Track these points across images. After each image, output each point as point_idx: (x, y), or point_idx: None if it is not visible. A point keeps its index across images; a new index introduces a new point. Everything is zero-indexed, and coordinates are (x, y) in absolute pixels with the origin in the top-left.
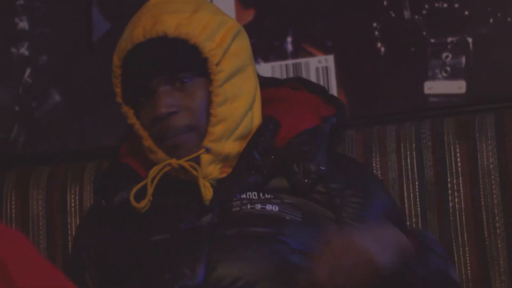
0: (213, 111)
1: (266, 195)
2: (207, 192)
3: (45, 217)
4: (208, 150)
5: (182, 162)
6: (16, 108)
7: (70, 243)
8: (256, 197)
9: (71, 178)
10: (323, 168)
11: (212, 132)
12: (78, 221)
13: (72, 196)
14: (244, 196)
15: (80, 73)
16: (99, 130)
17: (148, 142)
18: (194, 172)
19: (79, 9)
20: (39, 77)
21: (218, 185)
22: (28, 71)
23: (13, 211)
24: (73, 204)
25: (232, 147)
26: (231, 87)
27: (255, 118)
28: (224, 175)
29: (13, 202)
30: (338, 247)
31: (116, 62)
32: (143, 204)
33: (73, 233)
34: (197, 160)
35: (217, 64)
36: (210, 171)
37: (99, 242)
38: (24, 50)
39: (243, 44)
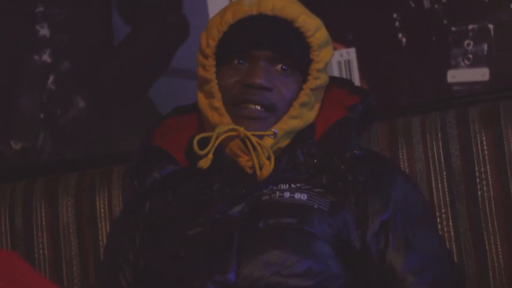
0: (296, 106)
1: (296, 185)
2: (267, 169)
3: (75, 224)
4: (275, 135)
5: (249, 134)
6: (41, 116)
7: (101, 249)
8: (286, 187)
9: (99, 184)
10: (357, 152)
11: (287, 122)
12: (108, 226)
13: (101, 202)
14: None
15: (103, 78)
16: (125, 134)
17: (219, 103)
18: (258, 148)
19: (99, 14)
20: (62, 83)
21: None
22: (51, 78)
23: (43, 219)
24: (102, 210)
25: (284, 142)
26: (316, 95)
27: None
28: None
29: (43, 211)
30: None
31: (227, 19)
32: (206, 151)
33: (104, 239)
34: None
35: (318, 71)
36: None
37: (134, 243)
38: (46, 57)
39: None
